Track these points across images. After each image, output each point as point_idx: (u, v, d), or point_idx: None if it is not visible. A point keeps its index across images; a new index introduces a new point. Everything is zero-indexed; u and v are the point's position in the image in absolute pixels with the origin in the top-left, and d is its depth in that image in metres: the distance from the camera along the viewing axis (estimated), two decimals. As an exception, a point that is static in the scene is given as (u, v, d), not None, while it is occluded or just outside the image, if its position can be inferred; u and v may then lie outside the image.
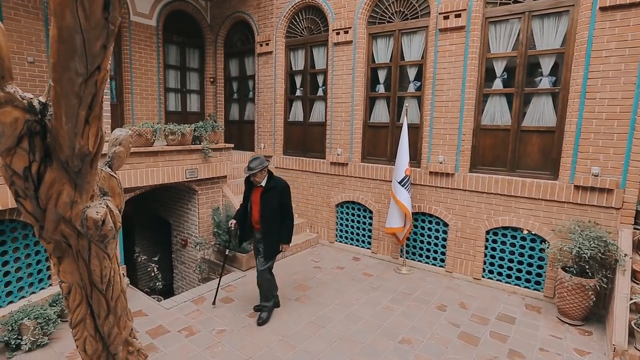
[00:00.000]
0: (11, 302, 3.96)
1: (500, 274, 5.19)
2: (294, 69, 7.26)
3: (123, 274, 1.69)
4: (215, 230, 5.66)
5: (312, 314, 4.32)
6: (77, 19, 0.95)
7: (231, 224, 4.28)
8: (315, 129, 7.04)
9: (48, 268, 4.26)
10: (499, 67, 5.10)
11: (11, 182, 1.30)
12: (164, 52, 7.68)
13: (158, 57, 7.44)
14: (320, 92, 6.94)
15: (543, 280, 4.84)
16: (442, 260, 5.66)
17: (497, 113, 5.16)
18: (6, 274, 3.94)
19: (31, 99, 1.21)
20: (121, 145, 1.52)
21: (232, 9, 7.95)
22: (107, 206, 1.45)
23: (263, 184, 4.05)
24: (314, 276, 5.44)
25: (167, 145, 5.23)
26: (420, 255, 5.89)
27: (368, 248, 6.43)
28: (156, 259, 5.14)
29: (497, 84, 5.14)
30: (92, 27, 0.98)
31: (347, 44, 6.22)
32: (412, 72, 5.83)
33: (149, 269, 4.91)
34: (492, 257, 5.25)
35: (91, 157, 1.30)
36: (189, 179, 5.54)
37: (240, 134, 8.56)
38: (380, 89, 6.19)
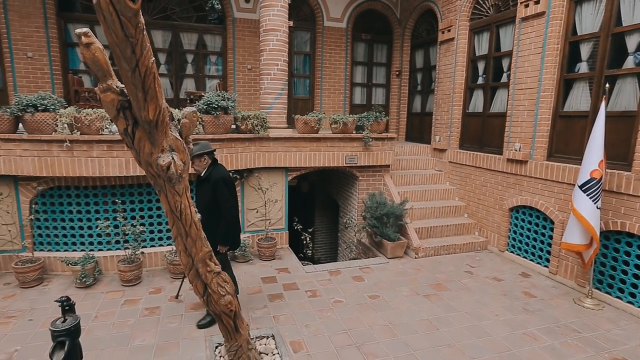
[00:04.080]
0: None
1: None
2: (476, 54, 6.59)
3: (196, 211, 2.28)
4: (364, 214, 5.96)
5: (432, 314, 4.02)
6: (113, 37, 1.57)
7: None
8: (495, 120, 6.20)
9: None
10: None
11: (122, 138, 2.06)
12: (352, 50, 8.48)
13: (346, 55, 8.31)
14: (504, 79, 6.04)
15: None
16: (655, 304, 4.01)
17: None
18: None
19: (123, 87, 1.87)
20: (186, 117, 2.08)
21: None
22: (172, 158, 2.04)
23: (202, 173, 3.62)
24: (459, 280, 4.95)
25: (331, 133, 5.89)
26: (621, 291, 4.35)
27: (545, 266, 5.25)
28: (310, 230, 5.98)
29: None
30: (120, 42, 1.57)
31: (537, 16, 5.16)
32: (632, 41, 4.29)
33: (302, 237, 5.76)
34: None
35: (154, 124, 1.92)
36: (349, 165, 6.05)
37: (421, 126, 8.46)
38: (582, 68, 4.85)
